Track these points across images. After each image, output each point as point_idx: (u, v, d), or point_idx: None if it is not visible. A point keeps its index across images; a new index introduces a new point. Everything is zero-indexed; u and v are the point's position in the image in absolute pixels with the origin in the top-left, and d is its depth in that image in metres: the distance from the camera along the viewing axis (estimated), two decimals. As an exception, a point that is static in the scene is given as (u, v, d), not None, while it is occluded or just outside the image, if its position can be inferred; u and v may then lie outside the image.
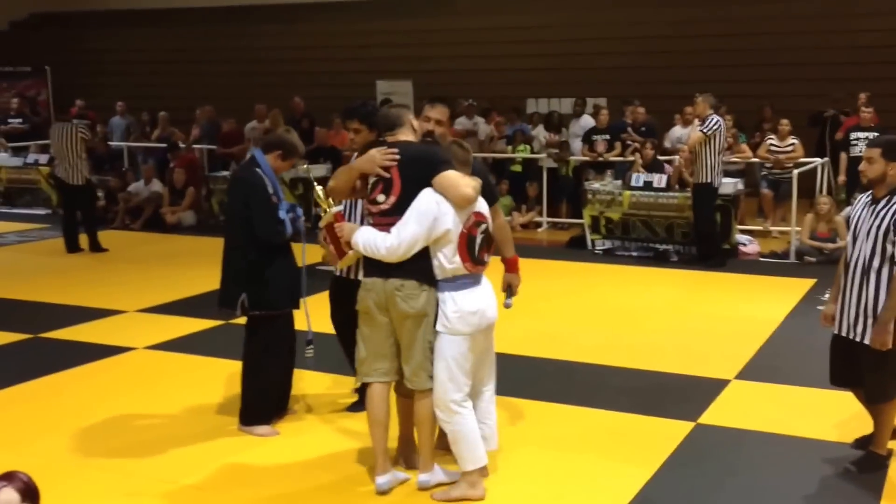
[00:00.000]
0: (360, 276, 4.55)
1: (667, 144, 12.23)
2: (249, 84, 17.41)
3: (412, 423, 4.55)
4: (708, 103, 9.55)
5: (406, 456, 4.69)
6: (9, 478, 1.08)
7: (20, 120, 16.53)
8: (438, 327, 4.21)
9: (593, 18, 15.93)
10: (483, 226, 4.28)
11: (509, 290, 4.88)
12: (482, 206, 4.32)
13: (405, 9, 17.34)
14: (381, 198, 4.32)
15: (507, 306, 4.79)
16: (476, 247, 4.23)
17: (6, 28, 20.93)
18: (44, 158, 14.35)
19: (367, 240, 4.23)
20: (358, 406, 5.35)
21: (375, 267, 4.30)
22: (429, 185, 4.20)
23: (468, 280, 4.22)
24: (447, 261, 4.18)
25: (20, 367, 6.45)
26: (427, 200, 4.15)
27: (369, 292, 4.31)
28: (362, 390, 4.91)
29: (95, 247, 10.80)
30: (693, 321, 7.62)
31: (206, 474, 4.72)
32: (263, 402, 5.29)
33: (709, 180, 9.54)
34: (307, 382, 5.97)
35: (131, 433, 5.28)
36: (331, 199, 4.59)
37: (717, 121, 9.47)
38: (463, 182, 4.18)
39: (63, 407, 5.72)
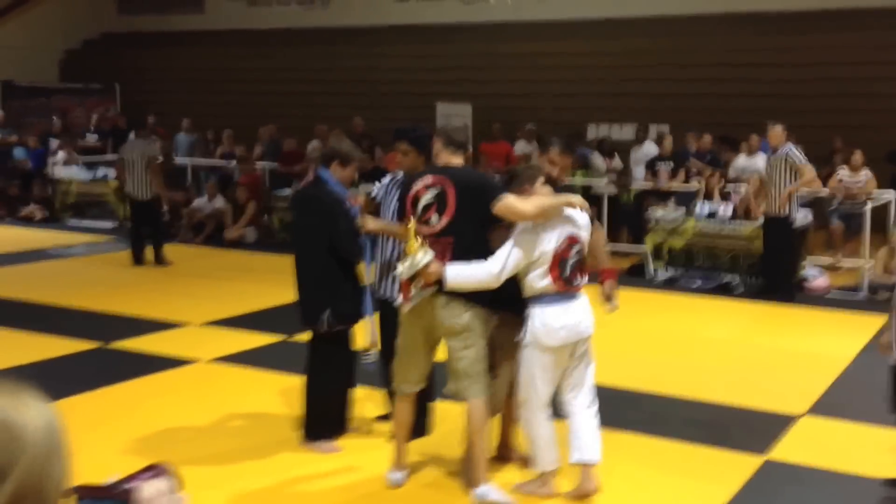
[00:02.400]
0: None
1: (732, 174, 12.07)
2: (312, 104, 17.63)
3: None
4: (784, 133, 9.39)
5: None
6: (154, 469, 1.09)
7: (96, 136, 16.93)
8: (525, 339, 4.43)
9: (656, 45, 15.86)
10: (576, 247, 4.45)
11: (608, 298, 4.96)
12: (577, 228, 4.47)
13: (466, 32, 17.45)
14: (434, 219, 4.49)
15: (611, 310, 5.00)
16: (568, 267, 4.41)
17: (79, 47, 21.49)
18: (113, 173, 14.67)
19: (461, 274, 4.30)
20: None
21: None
22: (482, 210, 4.39)
23: (557, 297, 4.40)
24: (537, 280, 4.40)
25: (89, 375, 6.57)
26: (527, 227, 4.37)
27: (416, 307, 4.48)
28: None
29: (160, 260, 10.98)
30: (760, 354, 7.47)
31: (268, 488, 4.75)
32: (326, 418, 5.31)
33: (787, 213, 9.36)
34: (369, 400, 5.97)
35: (194, 444, 5.33)
36: (427, 248, 4.40)
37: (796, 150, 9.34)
38: (519, 203, 4.37)
39: (129, 416, 5.80)
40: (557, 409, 4.66)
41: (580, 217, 4.49)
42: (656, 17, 16.16)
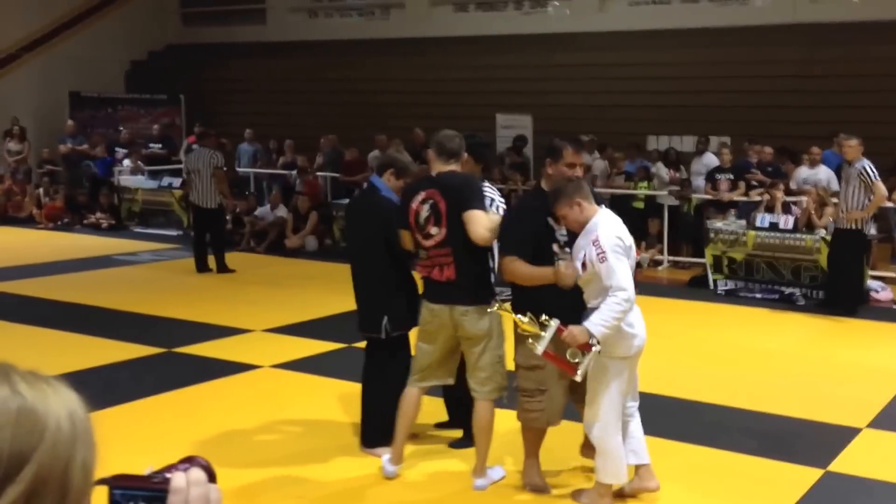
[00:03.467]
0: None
1: (793, 185, 11.91)
2: (372, 114, 17.80)
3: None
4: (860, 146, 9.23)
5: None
6: (190, 460, 1.13)
7: (160, 145, 17.31)
8: (604, 352, 4.37)
9: (716, 55, 15.71)
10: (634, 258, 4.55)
11: None
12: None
13: (527, 43, 17.47)
14: (434, 230, 4.64)
15: None
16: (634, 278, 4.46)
17: (144, 58, 21.99)
18: (177, 182, 15.01)
19: (606, 320, 4.25)
20: (464, 442, 5.33)
21: (442, 294, 4.67)
22: (461, 219, 4.56)
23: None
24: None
25: (155, 379, 6.73)
26: (609, 237, 4.31)
27: (436, 317, 4.72)
28: (467, 435, 5.17)
29: (222, 268, 11.20)
30: (821, 367, 7.38)
31: (326, 493, 4.83)
32: (384, 424, 5.37)
33: (859, 226, 9.14)
34: (426, 406, 6.02)
35: (254, 449, 5.44)
36: (544, 317, 4.39)
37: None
38: (483, 222, 4.55)
39: (192, 419, 5.94)
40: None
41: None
42: (717, 28, 16.01)
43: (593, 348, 4.29)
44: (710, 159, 12.76)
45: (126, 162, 16.02)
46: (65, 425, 0.96)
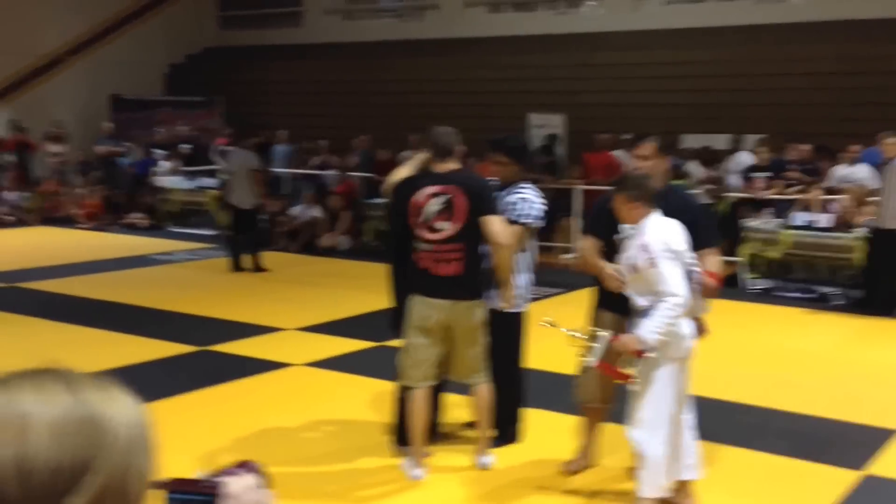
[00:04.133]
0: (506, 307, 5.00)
1: (830, 183, 11.76)
2: (405, 115, 17.84)
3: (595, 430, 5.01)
4: None
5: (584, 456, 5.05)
6: (244, 465, 1.13)
7: (191, 146, 17.49)
8: (653, 354, 4.27)
9: (750, 53, 15.55)
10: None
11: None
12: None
13: (559, 42, 17.42)
14: (444, 225, 4.66)
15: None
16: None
17: (182, 61, 22.24)
18: (213, 182, 15.15)
19: (658, 327, 4.20)
20: (498, 441, 5.32)
21: (445, 289, 4.72)
22: (481, 215, 4.70)
23: None
24: None
25: (189, 377, 6.80)
26: (657, 242, 4.24)
27: (435, 311, 4.75)
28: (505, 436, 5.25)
29: (259, 267, 11.28)
30: (859, 367, 7.27)
31: (357, 492, 4.84)
32: None
33: None
34: (458, 406, 6.02)
35: (286, 446, 5.47)
36: (595, 330, 4.47)
37: None
38: (502, 228, 4.74)
39: (227, 417, 5.98)
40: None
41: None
42: (751, 26, 15.85)
43: (647, 355, 4.22)
44: (745, 157, 12.63)
45: (163, 163, 16.20)
46: (126, 433, 0.96)
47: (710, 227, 4.82)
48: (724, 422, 5.87)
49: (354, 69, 19.43)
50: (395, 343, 7.59)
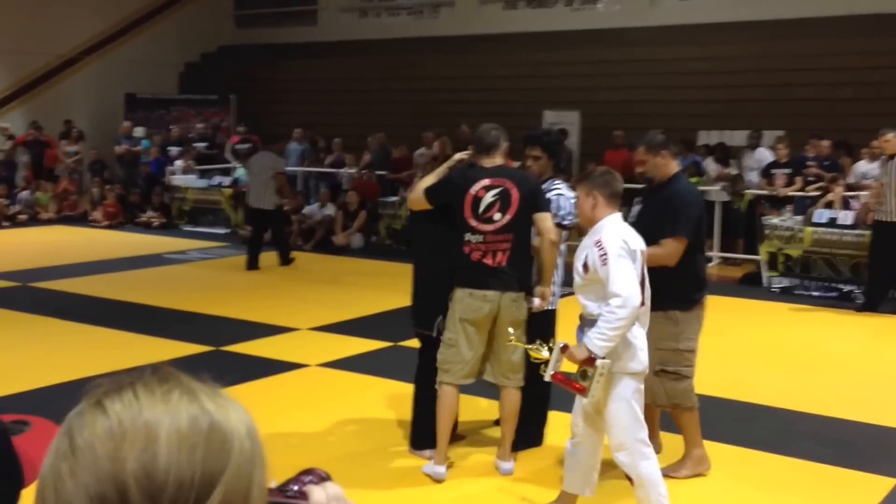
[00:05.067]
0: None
1: (851, 180, 11.59)
2: (419, 112, 17.75)
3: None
4: None
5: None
6: (311, 472, 1.06)
7: (206, 144, 17.48)
8: (616, 368, 4.03)
9: (769, 49, 15.37)
10: (643, 268, 4.19)
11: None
12: (643, 245, 4.19)
13: (574, 39, 17.29)
14: (497, 216, 4.77)
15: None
16: (645, 288, 4.13)
17: (197, 60, 22.23)
18: (226, 181, 15.12)
19: (603, 333, 3.94)
20: (522, 444, 5.21)
21: (494, 280, 4.74)
22: (534, 211, 4.79)
23: (641, 317, 4.13)
24: None
25: (204, 378, 6.71)
26: (613, 238, 4.03)
27: (488, 303, 4.75)
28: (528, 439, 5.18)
29: (286, 261, 11.46)
30: (886, 368, 7.12)
31: (374, 494, 4.75)
32: (433, 425, 5.28)
33: None
34: (476, 409, 5.93)
35: (304, 448, 5.38)
36: (550, 341, 4.35)
37: None
38: (553, 226, 4.79)
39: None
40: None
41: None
42: (768, 21, 15.66)
43: (597, 364, 3.99)
44: (763, 154, 12.48)
45: (178, 162, 16.18)
46: (246, 444, 0.90)
47: (675, 218, 4.74)
48: (754, 426, 5.75)
49: (369, 67, 19.35)
50: (410, 343, 7.53)
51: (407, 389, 6.31)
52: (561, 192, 5.10)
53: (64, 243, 13.65)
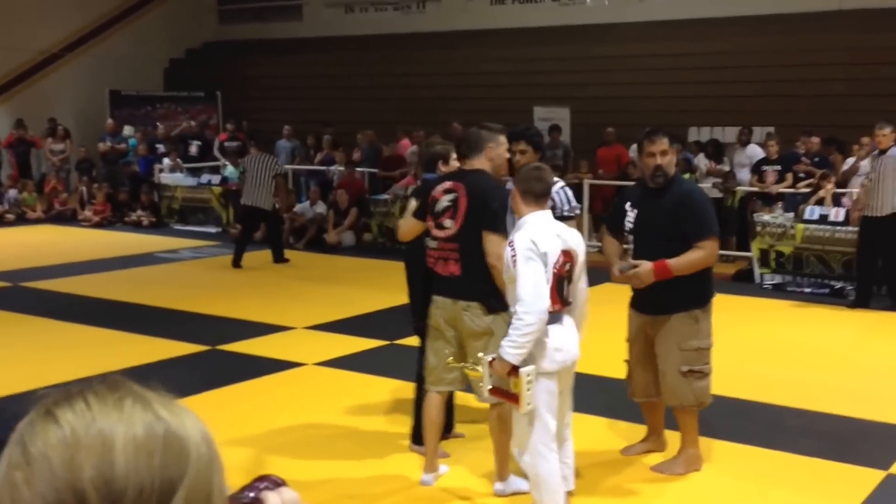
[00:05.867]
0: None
1: (841, 177, 11.65)
2: (410, 109, 17.73)
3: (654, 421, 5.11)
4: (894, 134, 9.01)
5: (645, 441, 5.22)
6: (266, 479, 1.06)
7: (199, 142, 17.39)
8: (527, 370, 4.00)
9: (760, 44, 15.42)
10: (568, 265, 4.13)
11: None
12: (570, 244, 4.15)
13: (565, 35, 17.30)
14: (448, 223, 4.59)
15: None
16: (564, 287, 4.12)
17: (182, 56, 22.11)
18: (216, 179, 15.05)
19: (513, 341, 3.93)
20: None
21: (445, 287, 4.59)
22: (479, 223, 4.43)
23: (554, 317, 4.06)
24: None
25: (201, 377, 6.70)
26: (523, 240, 4.00)
27: (440, 310, 4.62)
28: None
29: (279, 259, 11.51)
30: (877, 363, 7.17)
31: (376, 492, 4.75)
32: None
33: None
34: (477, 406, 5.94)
35: (302, 447, 5.39)
36: (480, 356, 4.27)
37: None
38: (499, 251, 4.25)
39: (239, 418, 5.89)
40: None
41: (568, 232, 4.21)
42: (758, 16, 15.72)
43: (520, 372, 3.93)
44: (755, 150, 12.52)
45: (166, 160, 16.08)
46: (203, 449, 0.91)
47: (703, 219, 4.71)
48: (744, 420, 5.80)
49: (356, 63, 19.30)
50: (406, 341, 7.53)
51: (404, 387, 6.34)
52: (563, 186, 5.02)
53: (54, 243, 13.58)
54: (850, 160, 11.67)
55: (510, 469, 4.60)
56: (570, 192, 5.04)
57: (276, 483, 1.06)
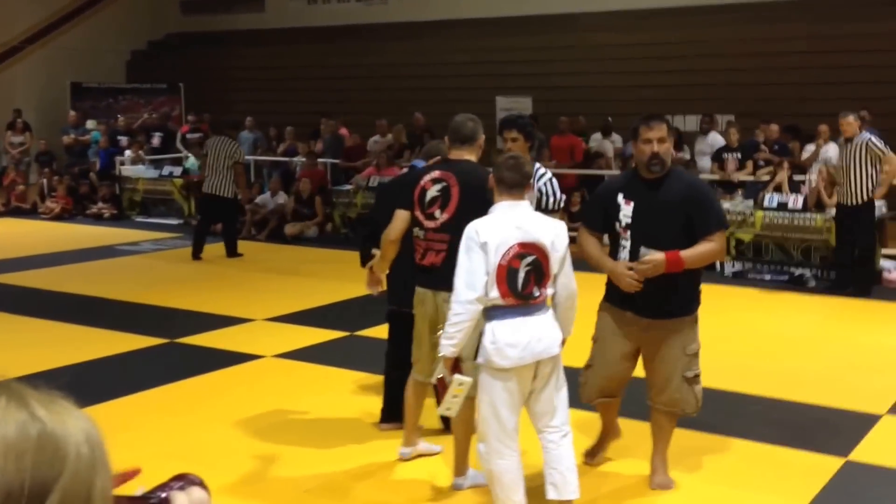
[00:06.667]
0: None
1: (818, 162, 11.73)
2: (372, 99, 17.66)
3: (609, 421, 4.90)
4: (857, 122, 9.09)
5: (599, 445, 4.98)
6: (183, 478, 1.04)
7: (161, 134, 17.23)
8: (478, 359, 3.98)
9: (720, 34, 15.52)
10: (530, 258, 3.93)
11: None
12: (535, 235, 3.97)
13: (527, 25, 17.30)
14: (437, 213, 4.55)
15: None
16: (519, 280, 3.91)
17: (144, 48, 21.85)
18: (178, 171, 14.89)
19: (447, 331, 3.93)
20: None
21: (426, 278, 4.59)
22: (480, 212, 4.11)
23: (509, 312, 3.92)
24: (490, 291, 3.91)
25: (159, 370, 6.63)
26: (468, 231, 3.97)
27: (421, 301, 4.65)
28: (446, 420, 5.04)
29: (232, 253, 11.20)
30: (836, 350, 7.23)
31: (334, 483, 4.73)
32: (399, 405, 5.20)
33: (865, 200, 8.98)
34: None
35: (261, 439, 5.34)
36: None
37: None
38: None
39: (197, 411, 5.84)
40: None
41: (537, 224, 4.02)
42: (719, 6, 15.81)
43: (454, 377, 3.92)
44: (716, 139, 12.60)
45: (127, 152, 15.90)
46: (84, 451, 0.88)
47: (712, 212, 4.45)
48: (703, 408, 5.78)
49: (319, 54, 19.18)
50: (367, 332, 7.50)
51: (363, 378, 6.33)
52: (551, 178, 5.00)
53: (13, 236, 13.39)
54: (811, 147, 11.78)
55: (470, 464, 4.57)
56: (556, 184, 4.99)
57: (193, 482, 1.04)
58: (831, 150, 10.95)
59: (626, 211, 4.38)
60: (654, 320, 4.44)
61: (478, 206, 4.35)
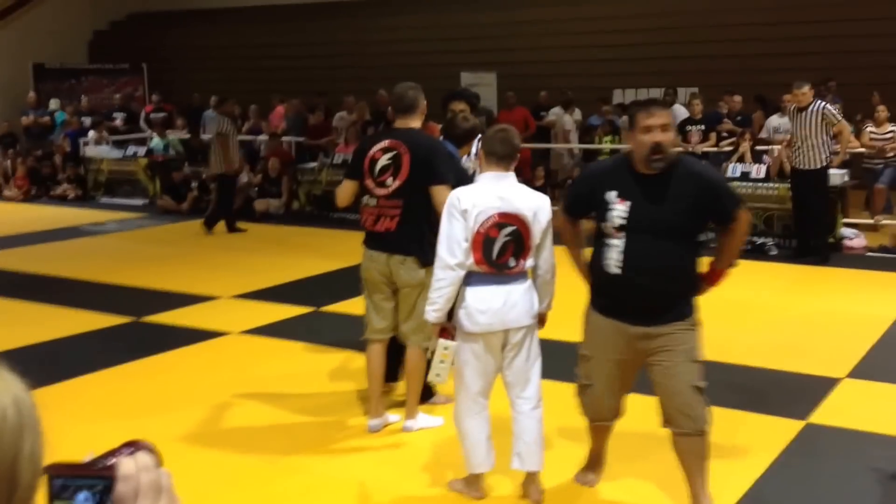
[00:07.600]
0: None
1: (763, 134, 11.86)
2: (338, 77, 17.55)
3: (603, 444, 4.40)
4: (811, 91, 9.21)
5: (593, 467, 4.45)
6: (134, 444, 1.03)
7: (124, 114, 17.05)
8: (451, 321, 4.09)
9: (681, 6, 15.57)
10: (509, 228, 3.92)
11: None
12: (517, 206, 3.95)
13: (491, 1, 17.24)
14: (389, 181, 4.72)
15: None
16: (495, 249, 3.92)
17: (106, 28, 21.54)
18: (142, 151, 14.76)
19: (430, 299, 4.05)
20: (427, 396, 5.22)
21: (379, 243, 4.75)
22: (430, 179, 4.58)
23: (484, 279, 3.96)
24: (468, 258, 3.97)
25: (123, 348, 6.59)
26: (450, 199, 4.06)
27: (374, 263, 4.78)
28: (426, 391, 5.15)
29: (209, 225, 11.35)
30: (797, 317, 7.34)
31: (300, 460, 4.74)
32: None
33: (825, 164, 9.13)
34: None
35: (226, 415, 5.34)
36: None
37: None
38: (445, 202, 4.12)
39: (164, 387, 5.82)
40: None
41: (520, 196, 3.99)
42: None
43: (439, 341, 4.04)
44: (679, 111, 12.65)
45: (91, 133, 15.73)
46: (10, 414, 0.86)
47: (728, 193, 4.08)
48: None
49: (282, 32, 19.02)
50: (331, 308, 7.51)
51: (329, 353, 6.34)
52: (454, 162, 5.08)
53: (-28, 218, 13.19)
54: (773, 118, 11.88)
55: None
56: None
57: (143, 447, 1.03)
58: (775, 121, 11.10)
59: (620, 211, 3.79)
60: (648, 328, 3.91)
61: (427, 171, 4.64)
